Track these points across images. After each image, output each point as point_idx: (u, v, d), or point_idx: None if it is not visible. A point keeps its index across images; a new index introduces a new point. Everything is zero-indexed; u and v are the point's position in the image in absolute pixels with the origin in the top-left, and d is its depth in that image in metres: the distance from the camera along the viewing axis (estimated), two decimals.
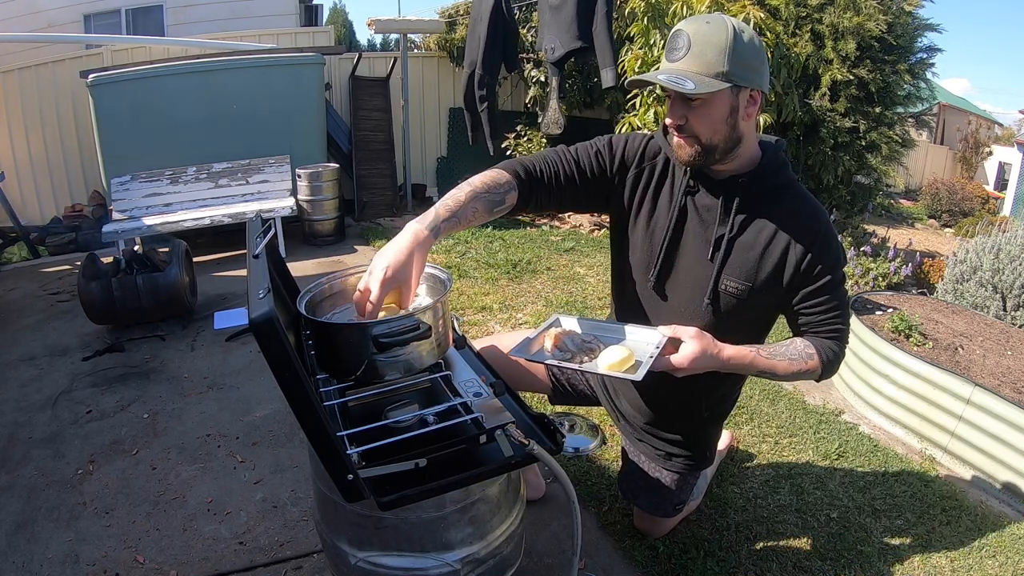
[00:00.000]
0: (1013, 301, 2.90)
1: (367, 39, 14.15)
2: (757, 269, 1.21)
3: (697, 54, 1.09)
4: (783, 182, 1.23)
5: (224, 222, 4.28)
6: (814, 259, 1.19)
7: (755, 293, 1.23)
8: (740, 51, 1.09)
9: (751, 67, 1.11)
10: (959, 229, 7.28)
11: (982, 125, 11.56)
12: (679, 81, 1.08)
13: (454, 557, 1.03)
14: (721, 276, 1.24)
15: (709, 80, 1.09)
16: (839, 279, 1.22)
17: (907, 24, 4.07)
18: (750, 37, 1.11)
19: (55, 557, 1.61)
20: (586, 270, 3.96)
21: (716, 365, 1.16)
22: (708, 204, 1.24)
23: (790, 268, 1.20)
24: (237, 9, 6.95)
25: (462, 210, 1.12)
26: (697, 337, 1.14)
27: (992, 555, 1.67)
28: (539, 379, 1.61)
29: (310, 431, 0.83)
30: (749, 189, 1.21)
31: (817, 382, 1.28)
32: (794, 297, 1.23)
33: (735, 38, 1.09)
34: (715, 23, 1.10)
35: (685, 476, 1.50)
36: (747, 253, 1.22)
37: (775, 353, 1.21)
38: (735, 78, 1.09)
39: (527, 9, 5.55)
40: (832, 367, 1.24)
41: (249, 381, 2.54)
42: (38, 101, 5.27)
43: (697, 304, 1.27)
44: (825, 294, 1.21)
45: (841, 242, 1.24)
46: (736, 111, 1.13)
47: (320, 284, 1.22)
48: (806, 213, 1.21)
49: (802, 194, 1.24)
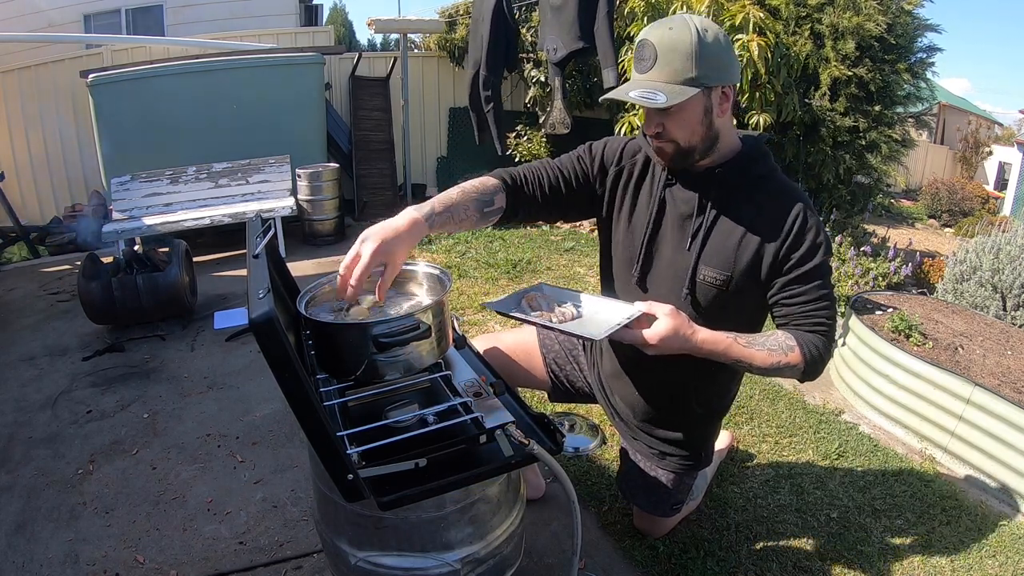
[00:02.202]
0: (1013, 301, 2.90)
1: (367, 39, 14.14)
2: (735, 258, 1.21)
3: (664, 63, 1.09)
4: (762, 172, 1.23)
5: (224, 222, 4.28)
6: (791, 247, 1.17)
7: (735, 283, 1.22)
8: (706, 52, 1.09)
9: (720, 65, 1.12)
10: (959, 229, 7.28)
11: (982, 125, 11.56)
12: (651, 96, 1.08)
13: (454, 557, 1.03)
14: (699, 266, 1.24)
15: (680, 88, 1.09)
16: (821, 269, 1.18)
17: (907, 24, 4.06)
18: (715, 35, 1.11)
19: (55, 557, 1.61)
20: (586, 270, 3.96)
21: (689, 347, 1.14)
22: (685, 197, 1.25)
23: (768, 257, 1.18)
24: (237, 9, 6.95)
25: (455, 207, 1.15)
26: (671, 315, 1.13)
27: (992, 555, 1.67)
28: (538, 376, 1.62)
29: (310, 431, 0.83)
30: (726, 179, 1.21)
31: (801, 382, 1.25)
32: (773, 288, 1.21)
33: (699, 40, 1.08)
34: (678, 28, 1.09)
35: (682, 476, 1.50)
36: (725, 242, 1.21)
37: (754, 342, 1.18)
38: (705, 80, 1.10)
39: (527, 9, 5.55)
40: (816, 366, 1.18)
41: (249, 381, 2.54)
42: (38, 101, 5.27)
43: (677, 295, 1.27)
44: (805, 283, 1.18)
45: (826, 232, 1.19)
46: (710, 111, 1.15)
47: (320, 284, 1.22)
48: (784, 201, 1.19)
49: (782, 183, 1.23)
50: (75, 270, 3.82)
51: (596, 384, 1.58)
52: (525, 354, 1.60)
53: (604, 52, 4.02)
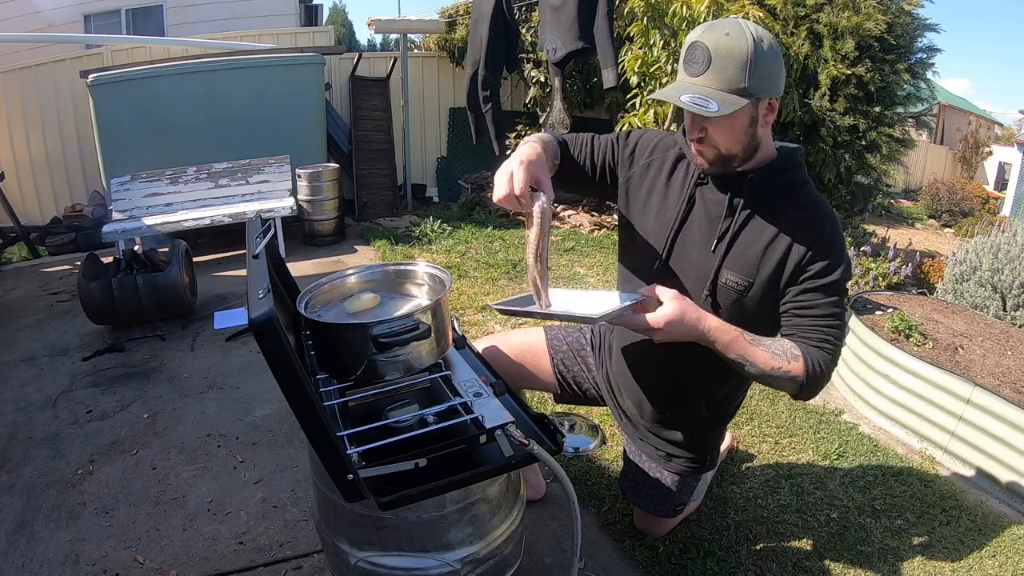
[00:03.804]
0: (1013, 301, 2.90)
1: (367, 39, 14.17)
2: (759, 266, 1.20)
3: (718, 69, 1.07)
4: (794, 182, 1.22)
5: (224, 222, 4.27)
6: (812, 259, 1.16)
7: (756, 290, 1.21)
8: (761, 63, 1.06)
9: (770, 77, 1.09)
10: (959, 229, 7.28)
11: (982, 125, 11.57)
12: (703, 104, 1.06)
13: (454, 557, 1.03)
14: (722, 269, 1.23)
15: (732, 98, 1.07)
16: (837, 286, 1.17)
17: (906, 24, 4.07)
18: (769, 45, 1.08)
19: (55, 557, 1.61)
20: (586, 270, 3.96)
21: (696, 334, 1.14)
22: (716, 198, 1.24)
23: (790, 267, 1.18)
24: (237, 9, 6.94)
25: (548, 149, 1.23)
26: (676, 299, 1.11)
27: (992, 555, 1.67)
28: (545, 378, 1.61)
29: (310, 431, 0.83)
30: (758, 185, 1.20)
31: (795, 398, 1.23)
32: (787, 295, 1.20)
33: (756, 50, 1.05)
34: (735, 35, 1.06)
35: (686, 478, 1.50)
36: (750, 249, 1.21)
37: (760, 342, 1.17)
38: (756, 91, 1.08)
39: (527, 9, 5.55)
40: (816, 383, 1.16)
41: (249, 381, 2.54)
42: (38, 101, 5.27)
43: (697, 295, 1.26)
44: (819, 296, 1.17)
45: (848, 255, 1.19)
46: (755, 122, 1.13)
47: (320, 284, 1.22)
48: (814, 215, 1.18)
49: (814, 197, 1.22)
50: (75, 270, 3.82)
51: (604, 384, 1.57)
52: (532, 355, 1.60)
53: (604, 52, 4.02)
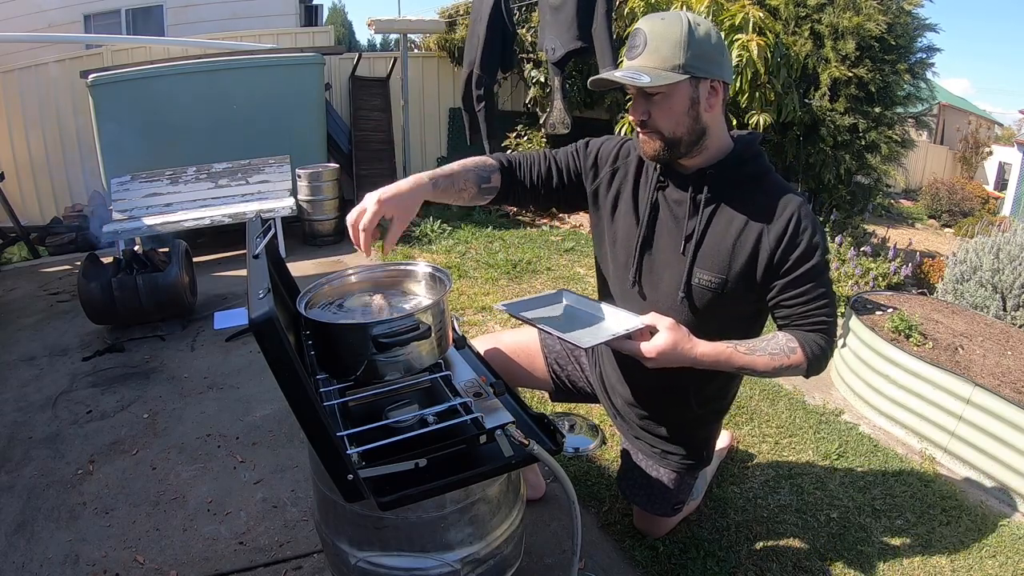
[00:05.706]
0: (1013, 301, 2.90)
1: (367, 39, 14.17)
2: (730, 261, 1.20)
3: (653, 50, 1.12)
4: (755, 172, 1.22)
5: (224, 222, 4.28)
6: (787, 248, 1.16)
7: (730, 286, 1.21)
8: (695, 43, 1.11)
9: (709, 58, 1.13)
10: (959, 229, 7.27)
11: (982, 125, 11.56)
12: (635, 76, 1.11)
13: (454, 557, 1.03)
14: (693, 269, 1.23)
15: (665, 73, 1.11)
16: (818, 268, 1.18)
17: (907, 24, 4.06)
18: (706, 30, 1.14)
19: (55, 557, 1.61)
20: (586, 270, 3.96)
21: (688, 362, 1.14)
22: (678, 198, 1.26)
23: (763, 259, 1.18)
24: (237, 9, 6.95)
25: (456, 177, 1.25)
26: (671, 329, 1.12)
27: (992, 555, 1.67)
28: (540, 377, 1.62)
29: (310, 431, 0.83)
30: (717, 180, 1.21)
31: (805, 378, 1.25)
32: (772, 290, 1.21)
33: (690, 31, 1.11)
34: (670, 19, 1.13)
35: (683, 475, 1.50)
36: (719, 245, 1.21)
37: (755, 348, 1.18)
38: (692, 69, 1.12)
39: (527, 9, 5.55)
40: (819, 362, 1.19)
41: (249, 381, 2.54)
42: (38, 101, 5.27)
43: (673, 299, 1.27)
44: (804, 284, 1.18)
45: (822, 230, 1.19)
46: (697, 103, 1.15)
47: (320, 284, 1.22)
48: (778, 202, 1.18)
49: (776, 183, 1.22)
50: (75, 270, 3.82)
51: (598, 384, 1.58)
52: (526, 355, 1.60)
53: (603, 52, 4.02)
